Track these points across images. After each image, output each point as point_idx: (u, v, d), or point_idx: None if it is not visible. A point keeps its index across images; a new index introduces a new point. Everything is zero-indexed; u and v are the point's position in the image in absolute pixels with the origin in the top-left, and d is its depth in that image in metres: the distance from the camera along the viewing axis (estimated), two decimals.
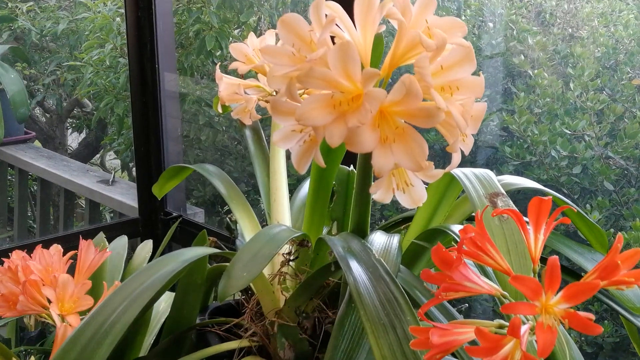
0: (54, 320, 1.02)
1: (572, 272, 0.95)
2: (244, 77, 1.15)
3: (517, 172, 2.08)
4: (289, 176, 1.11)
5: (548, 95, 2.09)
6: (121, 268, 1.23)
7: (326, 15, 0.68)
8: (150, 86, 1.95)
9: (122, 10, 2.53)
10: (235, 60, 1.12)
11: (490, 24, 2.50)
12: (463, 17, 2.62)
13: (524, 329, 0.58)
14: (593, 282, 0.58)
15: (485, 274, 0.72)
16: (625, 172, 2.00)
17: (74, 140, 4.76)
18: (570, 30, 2.42)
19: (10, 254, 1.04)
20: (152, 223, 1.99)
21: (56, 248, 1.05)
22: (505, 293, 0.65)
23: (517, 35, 2.33)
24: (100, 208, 2.62)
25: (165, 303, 1.21)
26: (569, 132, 1.96)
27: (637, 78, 2.11)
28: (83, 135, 4.51)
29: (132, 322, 0.78)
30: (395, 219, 1.03)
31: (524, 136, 2.04)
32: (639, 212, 1.78)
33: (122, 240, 1.30)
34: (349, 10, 0.71)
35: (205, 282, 1.04)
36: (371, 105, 0.62)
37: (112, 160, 4.60)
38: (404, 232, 0.95)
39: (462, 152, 0.71)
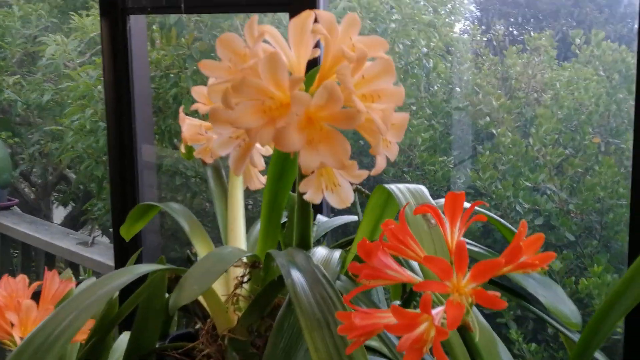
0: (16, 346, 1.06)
1: (510, 289, 1.00)
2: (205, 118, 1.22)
3: (484, 227, 2.14)
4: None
5: (512, 153, 2.17)
6: None
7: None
8: (128, 154, 2.02)
9: (102, 79, 2.63)
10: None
11: (458, 89, 2.60)
12: (435, 86, 2.73)
13: (437, 309, 0.64)
14: (496, 260, 0.63)
15: (410, 268, 0.77)
16: (588, 225, 2.06)
17: (58, 216, 4.80)
18: (535, 94, 2.52)
19: None
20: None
21: (22, 277, 1.10)
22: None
23: (483, 98, 2.43)
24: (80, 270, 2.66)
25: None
26: (530, 185, 2.03)
27: (596, 136, 2.20)
28: (69, 209, 4.57)
29: (81, 327, 0.82)
30: (340, 241, 1.09)
31: (489, 192, 2.11)
32: (599, 260, 1.84)
33: (91, 281, 1.34)
34: None
35: (164, 308, 1.08)
36: (297, 107, 0.68)
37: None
38: (347, 250, 1.00)
39: (387, 159, 0.78)
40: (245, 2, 1.67)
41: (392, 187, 0.89)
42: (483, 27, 2.89)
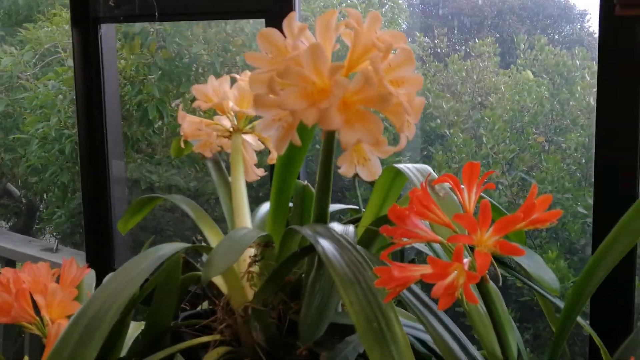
0: (40, 330, 1.14)
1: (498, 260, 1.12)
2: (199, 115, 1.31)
3: None
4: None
5: (463, 152, 2.31)
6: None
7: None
8: (100, 164, 2.08)
9: (64, 88, 2.68)
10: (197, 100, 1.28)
11: None
12: None
13: (465, 259, 0.75)
14: (515, 215, 0.75)
15: None
16: None
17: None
18: (480, 99, 2.68)
19: None
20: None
21: (44, 263, 1.17)
22: (445, 242, 0.81)
23: (433, 102, 2.57)
24: None
25: (132, 329, 1.32)
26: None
27: (540, 135, 2.36)
28: (11, 223, 4.54)
29: (123, 309, 0.90)
30: (349, 219, 1.20)
31: None
32: (550, 248, 1.99)
33: (91, 274, 1.41)
34: None
35: (178, 289, 1.17)
36: (338, 91, 0.79)
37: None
38: (356, 225, 1.11)
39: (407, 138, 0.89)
40: (221, 9, 1.76)
41: (401, 166, 1.00)
42: (428, 38, 3.04)
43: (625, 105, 1.22)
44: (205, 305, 1.28)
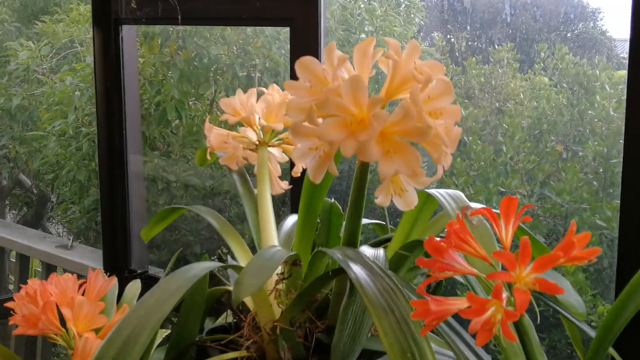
0: (65, 342, 1.15)
1: None
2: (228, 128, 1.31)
3: None
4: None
5: (481, 160, 2.31)
6: (114, 303, 1.35)
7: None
8: (118, 163, 2.09)
9: (82, 85, 2.69)
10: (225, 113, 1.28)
11: None
12: None
13: (504, 294, 0.75)
14: (555, 253, 0.75)
15: None
16: (553, 228, 2.21)
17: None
18: (497, 104, 2.67)
19: None
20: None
21: (71, 276, 1.18)
22: (482, 275, 0.82)
23: None
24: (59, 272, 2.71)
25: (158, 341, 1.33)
26: (504, 190, 2.18)
27: (559, 144, 2.35)
28: (22, 213, 4.56)
29: (156, 330, 0.91)
30: (377, 240, 1.19)
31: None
32: None
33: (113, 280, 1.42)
34: None
35: (204, 302, 1.17)
36: (377, 123, 0.79)
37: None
38: (385, 247, 1.11)
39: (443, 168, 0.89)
40: (246, 15, 1.76)
41: (433, 191, 1.00)
42: (445, 41, 3.04)
43: None
44: (228, 316, 1.28)
